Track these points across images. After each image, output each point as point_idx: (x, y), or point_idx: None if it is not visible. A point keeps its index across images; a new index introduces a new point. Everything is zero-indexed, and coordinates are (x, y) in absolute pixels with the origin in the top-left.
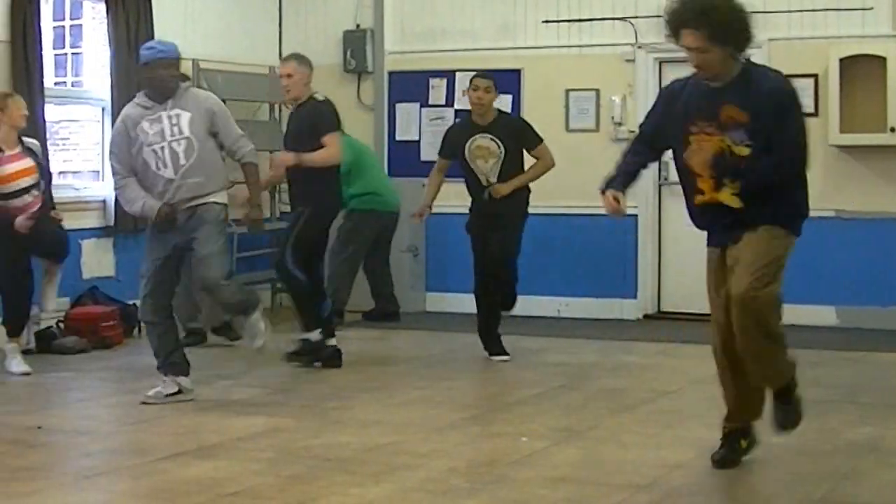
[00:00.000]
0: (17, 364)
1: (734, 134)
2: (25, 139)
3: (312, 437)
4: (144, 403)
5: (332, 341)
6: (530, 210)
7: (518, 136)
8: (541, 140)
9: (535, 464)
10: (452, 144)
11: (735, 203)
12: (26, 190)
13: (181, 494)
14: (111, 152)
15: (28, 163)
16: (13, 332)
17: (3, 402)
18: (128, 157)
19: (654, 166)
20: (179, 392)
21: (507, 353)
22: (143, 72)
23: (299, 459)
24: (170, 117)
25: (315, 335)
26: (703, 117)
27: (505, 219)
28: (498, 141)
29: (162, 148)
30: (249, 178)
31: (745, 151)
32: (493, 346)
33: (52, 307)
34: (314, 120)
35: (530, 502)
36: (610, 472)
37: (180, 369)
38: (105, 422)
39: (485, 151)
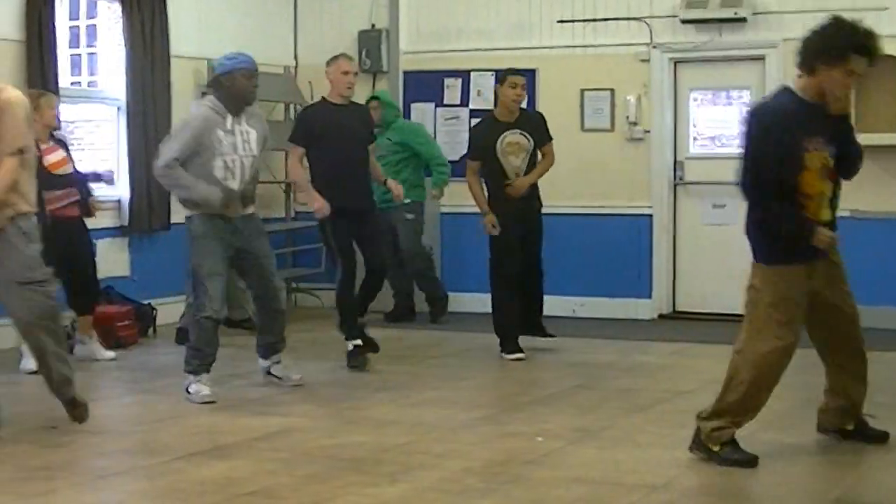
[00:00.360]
0: (101, 352)
1: (830, 148)
2: (55, 132)
3: (328, 437)
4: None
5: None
6: (545, 210)
7: (540, 129)
8: (551, 137)
9: (551, 464)
10: (483, 145)
11: (829, 216)
12: (66, 179)
13: (196, 494)
14: (181, 139)
15: (62, 154)
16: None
17: (19, 402)
18: (189, 152)
19: (668, 166)
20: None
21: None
22: (223, 81)
23: (314, 459)
24: (241, 133)
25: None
26: (818, 133)
27: (537, 215)
28: (527, 135)
29: (233, 160)
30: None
31: (832, 163)
32: (540, 329)
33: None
34: (365, 121)
35: (546, 502)
36: (625, 471)
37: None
38: (120, 422)
39: (516, 147)
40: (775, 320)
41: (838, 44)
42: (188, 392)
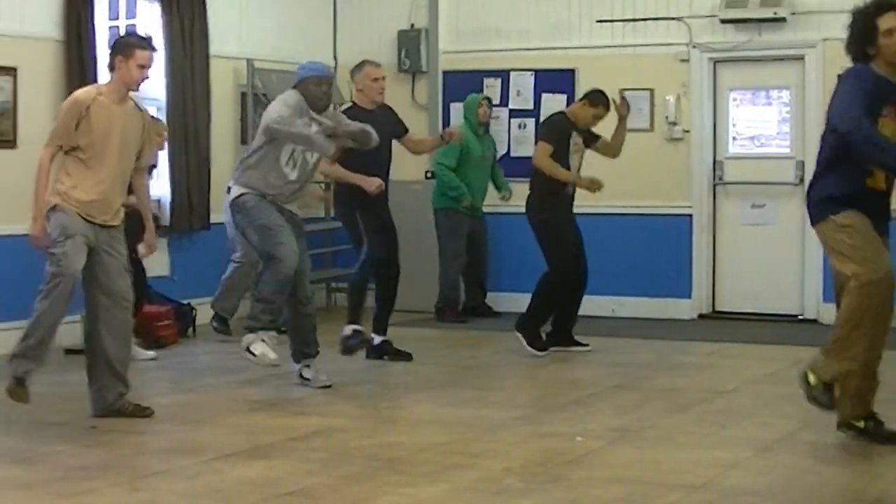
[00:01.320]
0: (141, 352)
1: None
2: None
3: (366, 437)
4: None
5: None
6: (579, 210)
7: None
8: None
9: (590, 464)
10: (563, 136)
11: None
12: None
13: (235, 494)
14: (295, 115)
15: None
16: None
17: (58, 402)
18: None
19: (708, 166)
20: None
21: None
22: (302, 86)
23: (353, 459)
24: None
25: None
26: (890, 102)
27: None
28: (582, 138)
29: (298, 151)
30: None
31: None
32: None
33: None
34: (396, 123)
35: (585, 502)
36: (665, 471)
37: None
38: (160, 421)
39: (579, 148)
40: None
41: (864, 15)
42: (251, 354)
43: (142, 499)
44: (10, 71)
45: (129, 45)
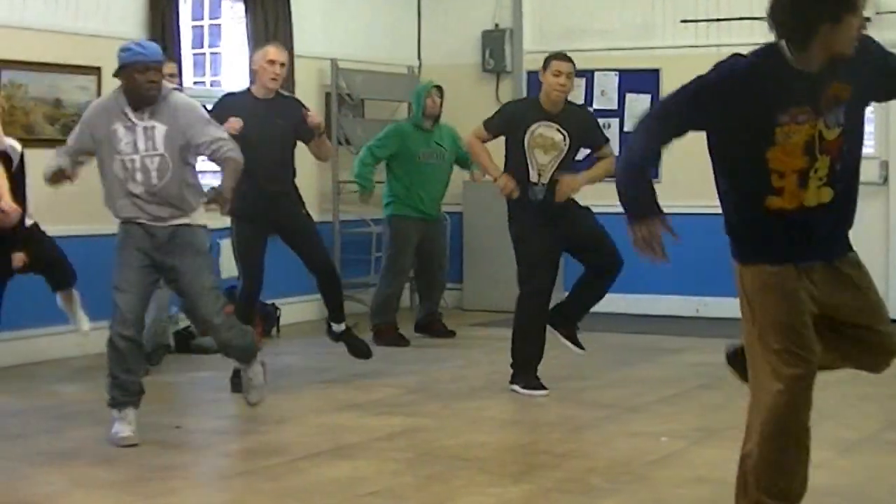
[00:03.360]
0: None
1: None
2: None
3: (450, 437)
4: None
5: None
6: (663, 210)
7: (588, 130)
8: (608, 139)
9: (675, 464)
10: (511, 123)
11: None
12: None
13: (319, 494)
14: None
15: None
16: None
17: (142, 403)
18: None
19: None
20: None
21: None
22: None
23: (437, 459)
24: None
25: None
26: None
27: (573, 208)
28: (565, 133)
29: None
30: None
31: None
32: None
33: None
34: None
35: (669, 502)
36: None
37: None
38: (243, 421)
39: (547, 142)
40: None
41: None
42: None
43: (225, 499)
44: (95, 70)
45: None
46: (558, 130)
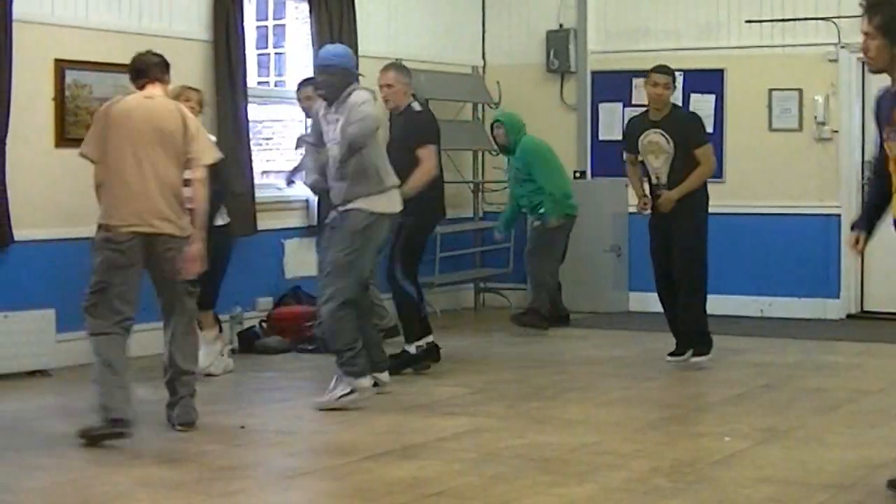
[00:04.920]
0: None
1: None
2: None
3: (516, 437)
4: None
5: (430, 338)
6: (728, 210)
7: (685, 131)
8: (706, 141)
9: (738, 463)
10: (631, 137)
11: None
12: None
13: (384, 494)
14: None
15: None
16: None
17: (207, 402)
18: None
19: (857, 165)
20: (352, 392)
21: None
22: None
23: (502, 459)
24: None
25: (413, 348)
26: (889, 122)
27: (681, 218)
28: (667, 136)
29: None
30: None
31: None
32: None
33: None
34: (409, 131)
35: (733, 502)
36: (813, 471)
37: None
38: (308, 421)
39: (655, 147)
40: None
41: None
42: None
43: (290, 499)
44: None
45: None
46: (662, 135)
